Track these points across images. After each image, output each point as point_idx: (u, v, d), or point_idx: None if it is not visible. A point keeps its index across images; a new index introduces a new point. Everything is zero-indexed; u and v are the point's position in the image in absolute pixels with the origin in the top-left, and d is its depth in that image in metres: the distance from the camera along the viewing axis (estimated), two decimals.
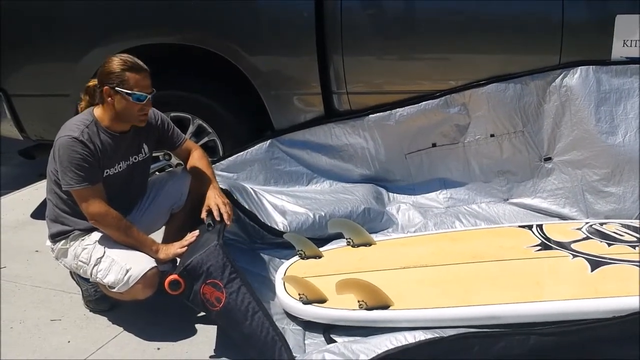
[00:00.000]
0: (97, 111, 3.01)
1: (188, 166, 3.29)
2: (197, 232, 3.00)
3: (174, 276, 2.69)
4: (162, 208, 3.25)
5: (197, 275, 2.68)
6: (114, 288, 2.89)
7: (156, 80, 3.06)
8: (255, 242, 3.51)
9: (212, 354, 2.79)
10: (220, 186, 3.32)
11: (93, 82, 3.05)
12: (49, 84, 4.17)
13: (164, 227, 3.34)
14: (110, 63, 2.94)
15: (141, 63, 2.98)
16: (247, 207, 3.54)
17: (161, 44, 3.96)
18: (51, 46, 4.11)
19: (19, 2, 4.03)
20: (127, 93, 2.92)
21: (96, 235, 2.99)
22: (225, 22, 3.91)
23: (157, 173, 4.10)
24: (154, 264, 2.91)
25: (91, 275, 2.98)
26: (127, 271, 2.85)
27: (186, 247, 2.96)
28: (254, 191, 3.75)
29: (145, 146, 3.19)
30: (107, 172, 3.01)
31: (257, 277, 3.18)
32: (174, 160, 4.21)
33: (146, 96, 2.97)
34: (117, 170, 3.06)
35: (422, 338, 2.51)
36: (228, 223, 3.04)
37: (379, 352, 2.45)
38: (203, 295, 2.67)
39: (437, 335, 2.53)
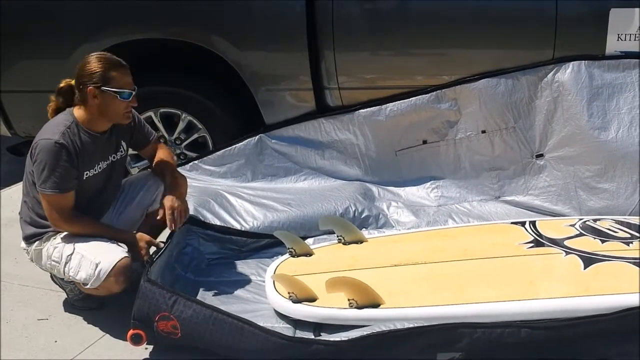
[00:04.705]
0: (78, 112, 2.95)
1: (154, 163, 3.27)
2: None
3: (130, 332, 2.70)
4: (136, 213, 3.22)
5: (146, 319, 2.69)
6: (87, 284, 2.85)
7: (145, 76, 3.04)
8: (240, 251, 3.50)
9: (200, 354, 2.75)
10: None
11: (66, 82, 3.00)
12: (37, 80, 4.13)
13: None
14: (90, 63, 2.88)
15: (121, 60, 2.94)
16: (218, 221, 3.56)
17: (149, 39, 3.92)
18: (40, 42, 4.09)
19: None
20: (114, 92, 2.88)
21: (65, 232, 2.96)
22: (215, 17, 3.88)
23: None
24: (125, 254, 2.86)
25: (64, 274, 2.94)
26: (97, 265, 2.81)
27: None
28: (229, 194, 3.74)
29: (123, 143, 3.16)
30: (86, 175, 2.98)
31: (245, 283, 3.21)
32: None
33: (132, 93, 2.94)
34: (96, 171, 3.02)
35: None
36: (173, 229, 3.05)
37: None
38: (162, 331, 2.69)
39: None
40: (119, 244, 2.94)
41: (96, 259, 2.82)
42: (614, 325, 2.50)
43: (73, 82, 2.96)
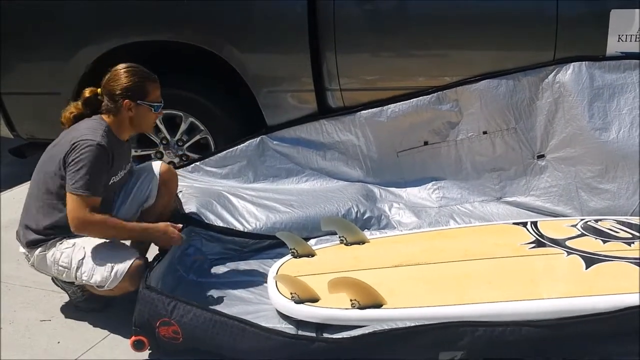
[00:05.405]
0: (108, 120, 2.99)
1: None
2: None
3: (133, 338, 2.70)
4: (131, 210, 3.21)
5: (147, 325, 2.69)
6: (103, 287, 2.87)
7: None
8: (242, 252, 3.51)
9: (203, 355, 2.76)
10: (188, 210, 3.48)
11: (90, 91, 3.03)
12: (39, 82, 4.14)
13: None
14: (123, 76, 2.93)
15: (151, 72, 3.01)
16: (220, 222, 3.56)
17: (152, 41, 3.93)
18: (42, 44, 4.09)
19: (8, 1, 4.00)
20: (150, 105, 2.97)
21: (74, 238, 2.96)
22: (217, 19, 3.89)
23: None
24: (137, 255, 2.90)
25: (76, 279, 2.94)
26: (112, 267, 2.83)
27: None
28: (231, 195, 3.75)
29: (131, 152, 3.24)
30: (112, 180, 3.02)
31: (247, 283, 3.20)
32: (166, 158, 4.19)
33: (161, 105, 3.04)
34: (119, 177, 3.08)
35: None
36: None
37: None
38: (164, 337, 2.69)
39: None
40: (128, 245, 2.96)
41: (110, 261, 2.85)
42: (615, 325, 2.51)
43: (98, 90, 3.01)
